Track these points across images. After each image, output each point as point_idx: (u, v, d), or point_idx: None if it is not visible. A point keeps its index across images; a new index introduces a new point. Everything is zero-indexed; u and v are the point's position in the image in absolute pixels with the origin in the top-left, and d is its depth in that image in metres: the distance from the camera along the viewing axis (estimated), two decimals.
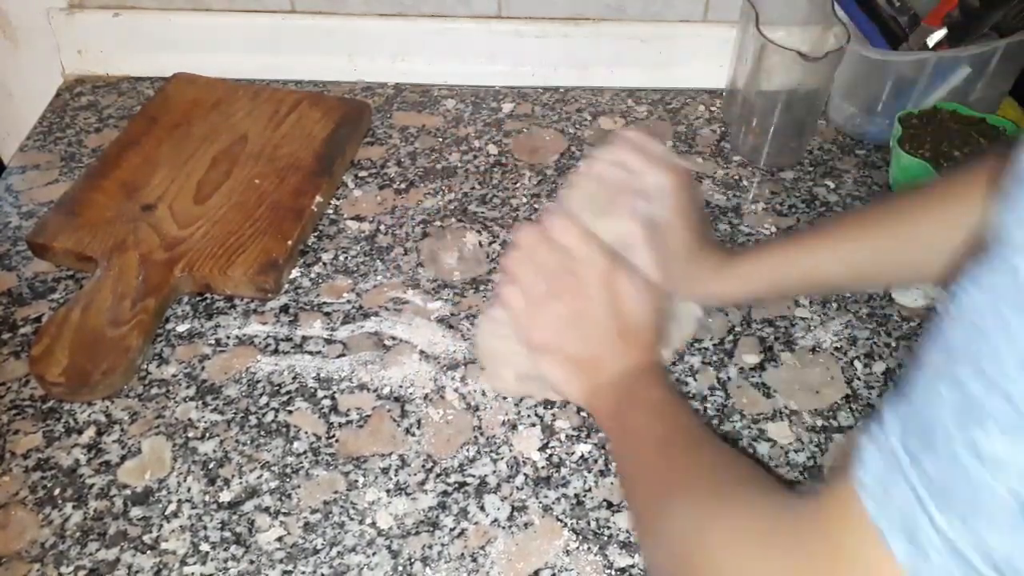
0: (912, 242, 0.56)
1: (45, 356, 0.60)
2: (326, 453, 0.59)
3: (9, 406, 0.60)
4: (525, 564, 0.53)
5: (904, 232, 0.57)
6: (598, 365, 0.55)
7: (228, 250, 0.68)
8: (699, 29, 0.89)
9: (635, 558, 0.54)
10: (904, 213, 0.57)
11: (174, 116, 0.80)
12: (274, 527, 0.55)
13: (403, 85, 0.90)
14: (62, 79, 0.89)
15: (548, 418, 0.61)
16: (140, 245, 0.68)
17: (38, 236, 0.69)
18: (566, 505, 0.56)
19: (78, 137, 0.82)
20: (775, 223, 0.77)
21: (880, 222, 0.58)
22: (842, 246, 0.59)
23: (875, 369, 0.65)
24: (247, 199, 0.72)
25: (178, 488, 0.56)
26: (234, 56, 0.88)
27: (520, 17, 0.89)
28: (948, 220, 0.53)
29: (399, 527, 0.55)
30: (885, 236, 0.57)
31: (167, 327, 0.66)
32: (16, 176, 0.78)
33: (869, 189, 0.80)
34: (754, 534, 0.38)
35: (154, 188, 0.73)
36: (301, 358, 0.64)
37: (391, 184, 0.79)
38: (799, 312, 0.69)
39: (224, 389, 0.62)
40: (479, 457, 0.59)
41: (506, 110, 0.88)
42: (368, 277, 0.70)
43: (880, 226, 0.58)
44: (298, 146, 0.78)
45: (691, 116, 0.89)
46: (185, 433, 0.59)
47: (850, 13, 0.80)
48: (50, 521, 0.54)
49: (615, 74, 0.91)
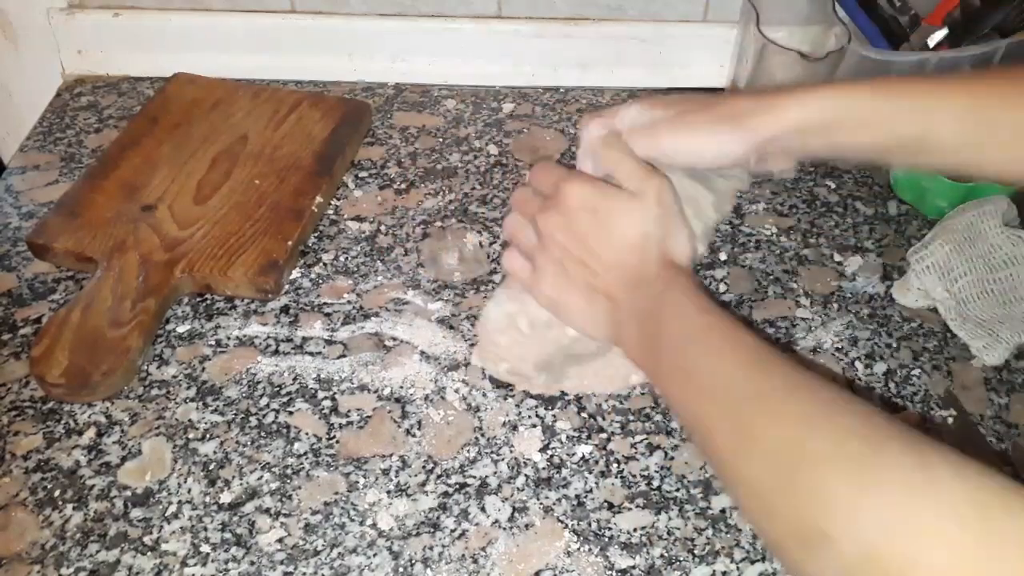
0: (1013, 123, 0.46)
1: (45, 357, 0.60)
2: (327, 454, 0.59)
3: (9, 407, 0.60)
4: (526, 565, 0.53)
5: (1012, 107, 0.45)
6: (611, 297, 0.52)
7: (228, 251, 0.68)
8: (699, 29, 0.89)
9: (636, 559, 0.54)
10: (1012, 87, 0.46)
11: (174, 116, 0.80)
12: (275, 528, 0.55)
13: (403, 85, 0.90)
14: (62, 79, 0.89)
15: (549, 419, 0.61)
16: (140, 246, 0.68)
17: (38, 237, 0.69)
18: (567, 506, 0.56)
19: (78, 137, 0.82)
20: (775, 223, 0.77)
21: (1009, 82, 0.47)
22: (967, 97, 0.47)
23: (876, 370, 0.65)
24: (247, 199, 0.72)
25: (178, 489, 0.56)
26: (234, 56, 0.88)
27: (520, 17, 0.89)
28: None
29: (400, 528, 0.55)
30: (987, 106, 0.47)
31: (167, 328, 0.66)
32: (16, 176, 0.78)
33: (869, 189, 0.80)
34: (973, 513, 0.31)
35: (154, 188, 0.73)
36: (301, 359, 0.64)
37: (391, 184, 0.79)
38: (800, 312, 0.69)
39: (224, 390, 0.62)
40: (480, 458, 0.59)
41: (506, 110, 0.88)
42: (368, 278, 0.70)
43: (989, 93, 0.47)
44: (298, 146, 0.78)
45: None
46: (185, 434, 0.59)
47: (851, 13, 0.80)
48: (50, 522, 0.54)
49: (615, 74, 0.91)
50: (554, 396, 0.62)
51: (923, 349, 0.67)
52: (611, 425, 0.61)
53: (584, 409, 0.62)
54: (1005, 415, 0.63)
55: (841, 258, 0.74)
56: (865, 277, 0.72)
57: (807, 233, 0.76)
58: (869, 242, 0.75)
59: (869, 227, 0.77)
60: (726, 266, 0.72)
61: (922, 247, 0.69)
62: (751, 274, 0.72)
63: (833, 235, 0.76)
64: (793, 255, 0.74)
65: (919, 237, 0.73)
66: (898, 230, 0.76)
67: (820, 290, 0.71)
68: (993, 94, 0.47)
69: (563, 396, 0.62)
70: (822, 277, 0.72)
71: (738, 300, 0.70)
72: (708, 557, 0.54)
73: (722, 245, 0.74)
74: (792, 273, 0.72)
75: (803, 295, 0.70)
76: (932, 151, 0.50)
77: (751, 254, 0.74)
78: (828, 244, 0.75)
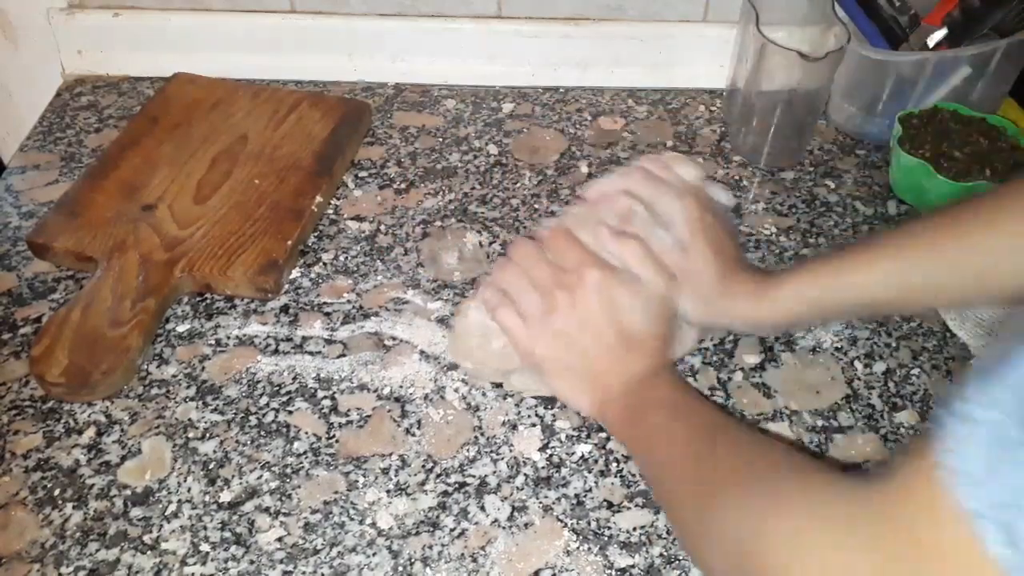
0: (975, 256, 0.52)
1: (45, 356, 0.60)
2: (326, 453, 0.59)
3: (9, 406, 0.60)
4: (525, 564, 0.53)
5: (967, 245, 0.52)
6: (604, 377, 0.55)
7: (228, 250, 0.68)
8: (699, 29, 0.89)
9: (635, 558, 0.54)
10: (962, 227, 0.53)
11: (174, 116, 0.80)
12: (274, 527, 0.55)
13: (403, 85, 0.90)
14: (62, 79, 0.89)
15: (548, 418, 0.61)
16: (140, 245, 0.68)
17: (38, 236, 0.69)
18: (566, 505, 0.56)
19: (78, 137, 0.82)
20: (775, 223, 0.77)
21: (936, 237, 0.54)
22: (893, 265, 0.55)
23: (875, 369, 0.65)
24: (247, 199, 0.72)
25: (178, 488, 0.56)
26: (234, 56, 0.88)
27: (520, 17, 0.89)
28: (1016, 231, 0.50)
29: (399, 527, 0.55)
30: (942, 251, 0.53)
31: (167, 327, 0.66)
32: (16, 176, 0.78)
33: (869, 189, 0.80)
34: (823, 527, 0.35)
35: (154, 188, 0.73)
36: (301, 358, 0.64)
37: (391, 184, 0.79)
38: None
39: (224, 389, 0.62)
40: (479, 457, 0.59)
41: (506, 110, 0.88)
42: (368, 277, 0.70)
43: (936, 241, 0.54)
44: (298, 146, 0.78)
45: (691, 116, 0.89)
46: (185, 433, 0.59)
47: (850, 13, 0.80)
48: (50, 521, 0.54)
49: (615, 74, 0.91)
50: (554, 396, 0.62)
51: (923, 349, 0.67)
52: None
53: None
54: None
55: None
56: None
57: (807, 233, 0.76)
58: None
59: (869, 227, 0.77)
60: None
61: None
62: None
63: (833, 235, 0.76)
64: (793, 255, 0.74)
65: None
66: None
67: None
68: (919, 246, 0.55)
69: None
70: None
71: None
72: None
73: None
74: None
75: None
76: (876, 311, 0.66)
77: (751, 254, 0.74)
78: (828, 244, 0.75)
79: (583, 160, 0.82)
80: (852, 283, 0.56)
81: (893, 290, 0.55)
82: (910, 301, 0.60)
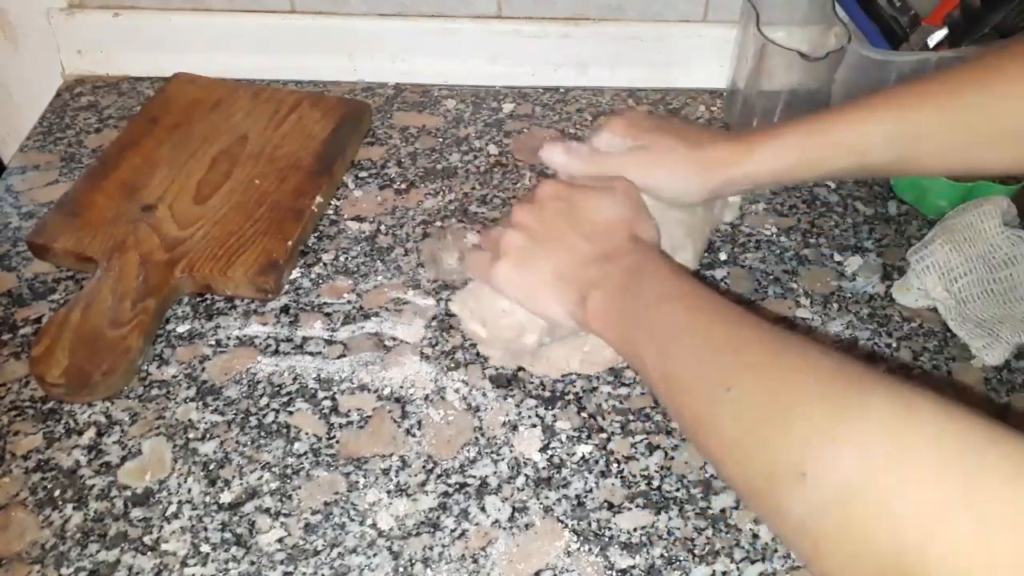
0: (983, 111, 0.49)
1: (45, 357, 0.60)
2: (327, 454, 0.59)
3: (9, 407, 0.60)
4: (526, 565, 0.53)
5: (973, 100, 0.49)
6: (573, 276, 0.53)
7: (228, 251, 0.68)
8: (699, 29, 0.89)
9: (636, 559, 0.54)
10: (969, 80, 0.50)
11: (174, 116, 0.80)
12: (275, 528, 0.55)
13: (403, 85, 0.90)
14: (62, 79, 0.89)
15: (549, 419, 0.61)
16: (140, 246, 0.68)
17: (38, 237, 0.69)
18: (567, 506, 0.56)
19: (78, 137, 0.82)
20: (775, 223, 0.77)
21: (941, 90, 0.51)
22: (895, 118, 0.52)
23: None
24: (247, 199, 0.72)
25: (178, 489, 0.56)
26: (234, 56, 0.88)
27: (520, 17, 0.89)
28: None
29: (400, 528, 0.55)
30: (949, 106, 0.50)
31: (167, 328, 0.66)
32: (16, 176, 0.78)
33: (869, 189, 0.80)
34: (970, 442, 0.29)
35: (154, 188, 0.73)
36: (301, 359, 0.64)
37: (391, 184, 0.79)
38: (800, 312, 0.69)
39: (224, 390, 0.62)
40: (480, 458, 0.59)
41: (506, 110, 0.88)
42: (368, 278, 0.70)
43: (942, 94, 0.51)
44: (298, 146, 0.78)
45: (691, 116, 0.89)
46: (185, 434, 0.59)
47: (851, 13, 0.80)
48: (50, 522, 0.54)
49: (615, 74, 0.91)
50: (555, 396, 0.62)
51: (923, 349, 0.67)
52: (611, 425, 0.61)
53: (584, 409, 0.62)
54: (1005, 415, 0.63)
55: (841, 258, 0.74)
56: (865, 277, 0.72)
57: (807, 233, 0.76)
58: (869, 242, 0.75)
59: (869, 227, 0.77)
60: (726, 266, 0.72)
61: (922, 247, 0.69)
62: (751, 274, 0.72)
63: (833, 235, 0.76)
64: (793, 255, 0.74)
65: (919, 237, 0.73)
66: (898, 230, 0.76)
67: (820, 290, 0.71)
68: (925, 105, 0.51)
69: (563, 396, 0.62)
70: (822, 277, 0.72)
71: (738, 300, 0.70)
72: (708, 557, 0.54)
73: (722, 245, 0.74)
74: (792, 273, 0.72)
75: (803, 295, 0.70)
76: (874, 171, 0.61)
77: (751, 254, 0.74)
78: (828, 244, 0.75)
79: None
80: (849, 137, 0.54)
81: (894, 146, 0.53)
82: (912, 161, 0.55)
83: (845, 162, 0.55)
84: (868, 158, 0.54)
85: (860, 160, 0.55)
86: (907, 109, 0.52)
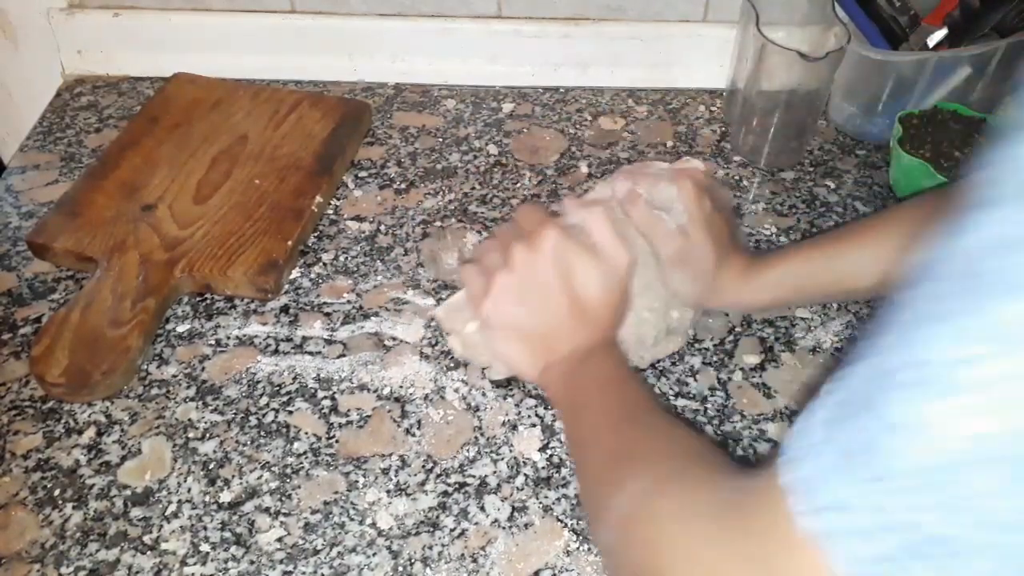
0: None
1: (45, 356, 0.60)
2: (326, 453, 0.59)
3: (9, 406, 0.60)
4: (525, 564, 0.53)
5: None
6: (549, 342, 0.55)
7: (228, 250, 0.68)
8: (699, 29, 0.89)
9: None
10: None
11: (174, 116, 0.80)
12: (274, 527, 0.55)
13: (403, 85, 0.90)
14: (62, 79, 0.89)
15: (548, 418, 0.61)
16: (140, 245, 0.68)
17: (38, 236, 0.69)
18: (566, 505, 0.56)
19: (78, 137, 0.82)
20: (775, 223, 0.77)
21: (910, 222, 0.57)
22: (878, 246, 0.58)
23: None
24: (247, 199, 0.72)
25: (178, 488, 0.56)
26: (234, 56, 0.88)
27: (520, 17, 0.89)
28: None
29: (399, 527, 0.55)
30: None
31: (167, 327, 0.66)
32: (16, 176, 0.78)
33: (869, 189, 0.80)
34: (706, 510, 0.36)
35: (154, 188, 0.73)
36: (301, 358, 0.64)
37: (391, 184, 0.79)
38: (799, 312, 0.69)
39: (224, 389, 0.62)
40: (479, 457, 0.59)
41: (506, 110, 0.88)
42: (368, 277, 0.70)
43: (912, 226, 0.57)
44: (298, 146, 0.78)
45: (691, 116, 0.89)
46: (185, 433, 0.59)
47: (850, 13, 0.80)
48: (50, 521, 0.54)
49: (615, 74, 0.91)
50: None
51: None
52: None
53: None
54: None
55: None
56: None
57: (807, 233, 0.76)
58: None
59: None
60: None
61: None
62: None
63: None
64: None
65: None
66: None
67: None
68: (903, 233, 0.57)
69: None
70: None
71: None
72: None
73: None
74: None
75: None
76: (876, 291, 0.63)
77: None
78: None
79: (583, 160, 0.83)
80: (839, 266, 0.60)
81: (879, 270, 0.58)
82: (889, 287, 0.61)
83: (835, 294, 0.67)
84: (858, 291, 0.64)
85: (851, 292, 0.65)
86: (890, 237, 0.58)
